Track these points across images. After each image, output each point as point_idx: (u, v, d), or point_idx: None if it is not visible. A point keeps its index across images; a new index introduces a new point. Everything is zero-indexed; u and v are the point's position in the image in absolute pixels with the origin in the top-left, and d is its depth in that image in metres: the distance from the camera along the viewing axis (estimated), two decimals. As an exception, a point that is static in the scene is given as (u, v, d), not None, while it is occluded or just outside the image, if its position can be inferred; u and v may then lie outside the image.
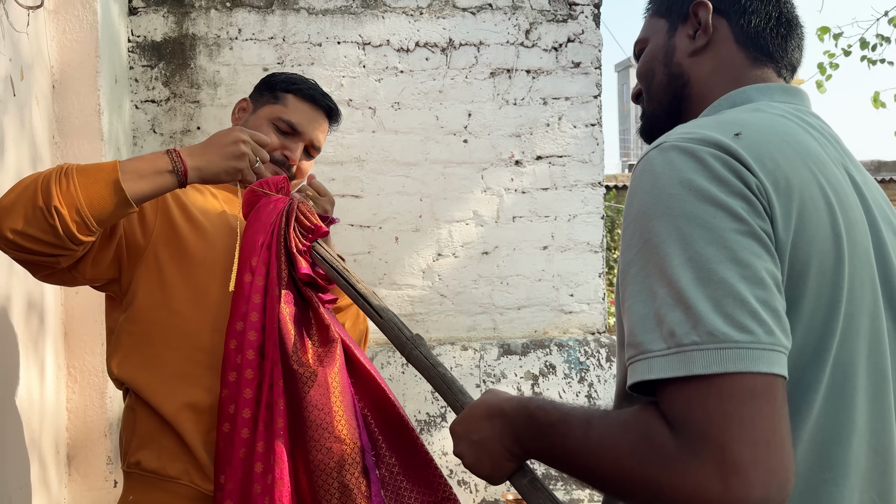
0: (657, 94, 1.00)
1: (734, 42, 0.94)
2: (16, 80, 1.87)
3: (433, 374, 1.16)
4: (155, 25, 2.79)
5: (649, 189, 0.75)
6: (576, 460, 0.77)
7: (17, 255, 1.19)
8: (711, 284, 0.67)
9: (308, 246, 1.37)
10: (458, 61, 2.98)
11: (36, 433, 1.89)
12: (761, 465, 0.63)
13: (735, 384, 0.64)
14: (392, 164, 2.94)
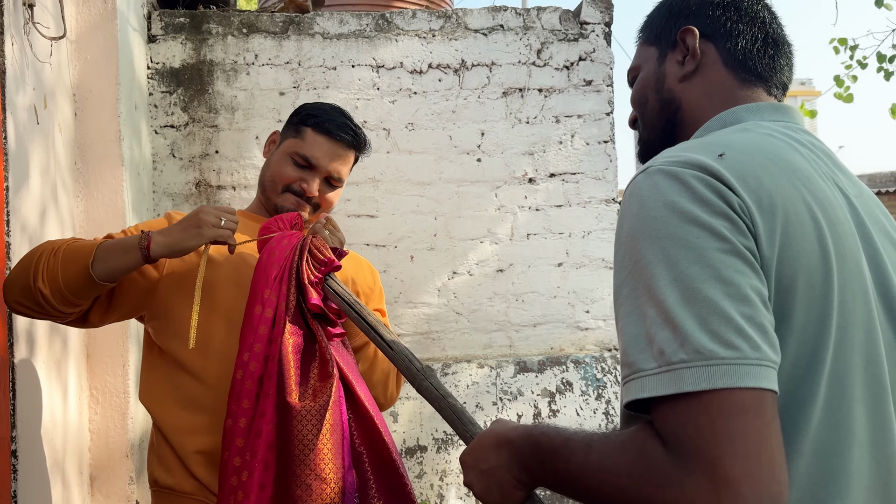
0: (651, 120, 1.03)
1: (722, 65, 0.96)
2: (39, 108, 1.93)
3: (443, 405, 1.18)
4: (173, 52, 2.85)
5: (636, 212, 0.77)
6: (579, 483, 0.78)
7: (26, 315, 1.42)
8: (697, 303, 0.69)
9: (320, 278, 1.39)
10: (470, 82, 3.02)
11: (59, 454, 1.92)
12: (752, 478, 0.64)
13: (724, 400, 0.66)
14: (406, 184, 2.97)
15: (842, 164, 0.92)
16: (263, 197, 1.59)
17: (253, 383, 1.30)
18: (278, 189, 1.55)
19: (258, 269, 1.39)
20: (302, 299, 1.36)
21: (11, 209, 1.70)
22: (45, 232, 1.92)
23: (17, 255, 1.71)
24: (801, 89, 42.34)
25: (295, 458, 1.25)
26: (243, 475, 1.26)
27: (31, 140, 1.86)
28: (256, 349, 1.31)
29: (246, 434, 1.28)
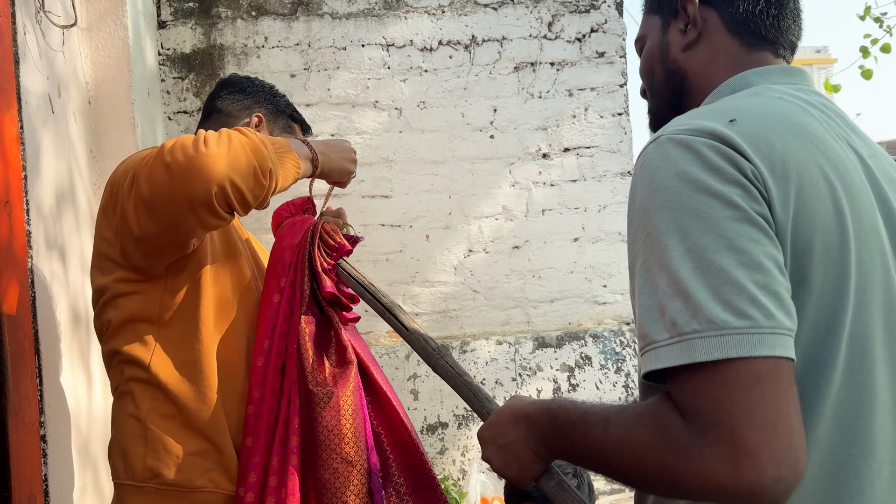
0: (659, 91, 1.02)
1: (726, 30, 0.94)
2: (53, 97, 1.94)
3: (459, 383, 1.20)
4: (183, 38, 2.85)
5: (647, 183, 0.77)
6: (597, 456, 0.79)
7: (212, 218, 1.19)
8: (710, 273, 0.69)
9: (332, 264, 1.40)
10: (481, 57, 2.99)
11: (86, 438, 1.96)
12: (770, 447, 0.64)
13: (739, 370, 0.66)
14: (420, 163, 2.96)
15: (854, 125, 0.90)
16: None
17: (276, 371, 1.32)
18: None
19: (273, 256, 1.40)
20: (316, 287, 1.37)
21: (30, 198, 1.72)
22: (63, 220, 1.94)
23: (37, 245, 1.73)
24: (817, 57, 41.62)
25: (321, 443, 1.28)
26: (274, 461, 1.28)
27: (47, 129, 1.87)
28: (277, 336, 1.33)
29: (273, 421, 1.30)
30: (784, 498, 0.66)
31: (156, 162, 1.17)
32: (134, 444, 1.31)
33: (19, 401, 1.50)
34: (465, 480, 2.81)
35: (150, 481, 1.29)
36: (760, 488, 0.64)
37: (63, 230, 1.92)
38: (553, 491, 0.98)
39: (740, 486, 0.64)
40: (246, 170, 1.17)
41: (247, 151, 1.18)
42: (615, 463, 0.76)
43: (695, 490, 0.68)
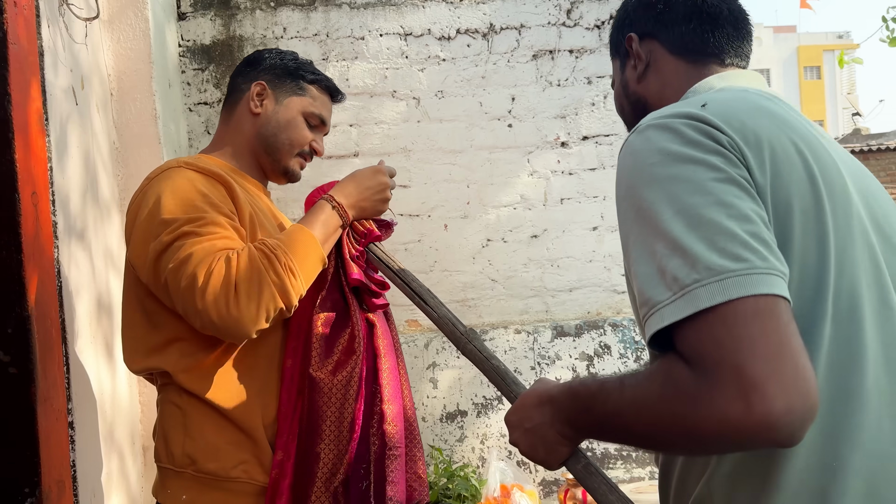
0: (630, 120, 1.12)
1: (670, 55, 1.05)
2: (77, 89, 1.96)
3: (487, 367, 1.21)
4: (203, 29, 2.87)
5: (632, 164, 0.83)
6: (618, 421, 0.80)
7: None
8: (702, 227, 0.73)
9: (360, 251, 1.40)
10: (499, 46, 2.98)
11: (112, 425, 1.99)
12: (777, 377, 0.65)
13: (738, 308, 0.68)
14: (438, 153, 2.97)
15: (810, 121, 0.97)
16: (268, 158, 1.49)
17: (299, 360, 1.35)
18: (293, 152, 1.50)
19: None
20: (343, 273, 1.38)
21: (56, 189, 1.75)
22: (89, 211, 1.96)
23: (63, 235, 1.76)
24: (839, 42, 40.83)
25: (311, 427, 1.31)
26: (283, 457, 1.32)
27: (71, 121, 1.90)
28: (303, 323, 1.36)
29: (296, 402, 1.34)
30: (799, 431, 0.66)
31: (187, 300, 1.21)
32: (174, 430, 1.34)
33: (48, 388, 1.52)
34: (484, 468, 2.82)
35: (187, 468, 1.32)
36: (773, 419, 0.65)
37: (88, 221, 1.95)
38: (580, 474, 0.99)
39: (753, 420, 0.65)
40: (274, 310, 1.23)
41: (273, 293, 1.22)
42: (634, 425, 0.77)
43: (711, 436, 0.68)
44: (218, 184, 1.33)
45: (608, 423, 0.83)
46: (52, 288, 1.62)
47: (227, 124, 1.52)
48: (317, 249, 1.31)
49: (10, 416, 1.47)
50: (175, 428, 1.33)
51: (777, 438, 0.66)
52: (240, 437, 1.32)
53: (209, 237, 1.23)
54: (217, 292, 1.19)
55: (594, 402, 0.85)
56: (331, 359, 1.34)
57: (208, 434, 1.31)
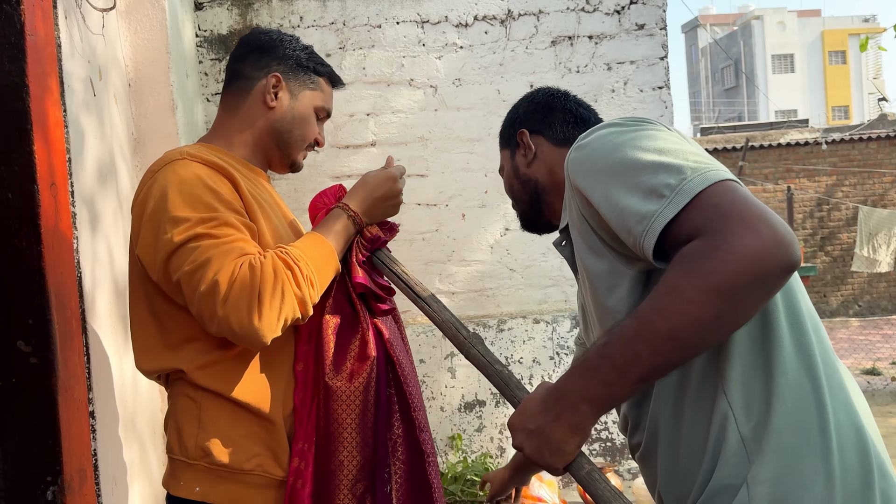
0: (520, 198, 1.36)
1: (553, 145, 1.32)
2: (94, 80, 1.97)
3: (491, 372, 1.22)
4: (220, 19, 2.86)
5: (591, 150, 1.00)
6: (640, 340, 0.87)
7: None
8: (672, 153, 0.92)
9: (367, 255, 1.40)
10: (517, 32, 2.95)
11: (133, 415, 2.01)
12: (769, 214, 0.82)
13: (723, 186, 0.87)
14: (455, 142, 2.95)
15: None
16: (279, 152, 1.47)
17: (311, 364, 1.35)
18: (303, 147, 1.48)
19: None
20: (348, 278, 1.38)
21: (75, 180, 1.75)
22: (107, 203, 1.97)
23: (82, 226, 1.77)
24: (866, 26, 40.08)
25: (330, 435, 1.31)
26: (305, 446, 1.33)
27: (89, 112, 1.91)
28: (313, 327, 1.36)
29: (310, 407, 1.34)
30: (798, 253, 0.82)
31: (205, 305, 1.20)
32: (187, 423, 1.33)
33: (68, 378, 1.54)
34: (503, 458, 2.82)
35: (201, 460, 1.31)
36: (779, 238, 0.80)
37: (107, 211, 1.96)
38: (585, 480, 0.98)
39: (767, 242, 0.80)
40: (292, 319, 1.25)
41: (294, 304, 1.24)
42: (660, 325, 0.85)
43: (736, 274, 0.80)
44: (223, 178, 1.30)
45: (628, 354, 0.89)
46: (72, 279, 1.63)
47: (232, 113, 1.46)
48: (334, 261, 1.34)
49: (31, 406, 1.48)
50: (189, 421, 1.33)
51: (788, 254, 0.80)
52: (255, 429, 1.32)
53: (226, 240, 1.22)
54: (240, 301, 1.18)
55: (609, 350, 0.90)
56: (344, 366, 1.34)
57: (223, 427, 1.31)
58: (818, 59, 39.57)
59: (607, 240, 1.00)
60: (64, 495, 1.48)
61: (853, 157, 11.73)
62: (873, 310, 11.79)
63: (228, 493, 1.31)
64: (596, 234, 1.02)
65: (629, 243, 0.92)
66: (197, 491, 1.31)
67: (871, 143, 11.76)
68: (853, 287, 11.80)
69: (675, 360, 0.89)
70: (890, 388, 6.91)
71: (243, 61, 1.47)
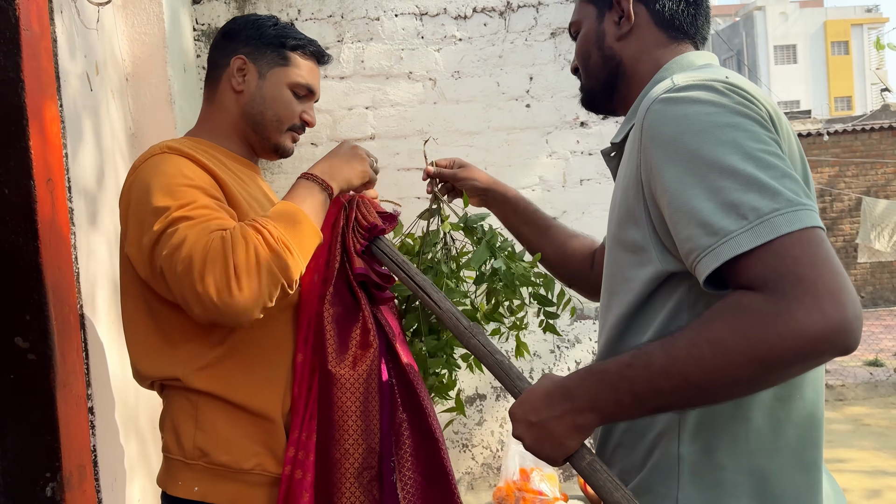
0: (594, 73, 1.15)
1: (654, 25, 1.10)
2: (91, 75, 1.96)
3: (491, 362, 1.19)
4: (218, 12, 2.85)
5: (681, 115, 0.87)
6: (667, 378, 0.82)
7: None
8: (771, 170, 0.81)
9: (364, 245, 1.38)
10: (516, 24, 2.93)
11: (133, 411, 2.01)
12: (845, 288, 0.75)
13: (811, 235, 0.77)
14: (455, 135, 2.93)
15: None
16: (257, 136, 1.43)
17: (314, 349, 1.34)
18: (283, 128, 1.42)
19: None
20: (348, 266, 1.37)
21: (72, 175, 1.75)
22: (105, 197, 1.97)
23: (79, 221, 1.76)
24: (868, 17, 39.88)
25: (334, 423, 1.29)
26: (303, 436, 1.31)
27: (86, 107, 1.90)
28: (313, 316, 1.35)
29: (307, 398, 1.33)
30: (859, 337, 0.75)
31: (185, 285, 1.15)
32: (185, 423, 1.32)
33: (66, 374, 1.53)
34: (503, 451, 2.81)
35: (199, 459, 1.30)
36: (846, 324, 0.73)
37: (104, 206, 1.95)
38: (585, 471, 0.96)
39: (830, 326, 0.73)
40: (275, 287, 1.19)
41: (272, 269, 1.17)
42: (693, 373, 0.80)
43: (788, 351, 0.74)
44: (205, 172, 1.29)
45: (651, 387, 0.84)
46: (70, 274, 1.63)
47: (210, 103, 1.44)
48: (307, 222, 1.25)
49: (29, 402, 1.48)
50: (186, 421, 1.31)
51: (847, 342, 0.74)
52: (254, 429, 1.31)
53: (202, 219, 1.19)
54: (215, 273, 1.14)
55: (631, 371, 0.86)
56: (347, 353, 1.33)
57: (221, 427, 1.30)
58: (821, 50, 39.41)
59: (656, 224, 0.91)
60: (63, 491, 1.47)
61: (856, 147, 11.70)
62: (876, 301, 11.78)
63: (228, 492, 1.30)
64: (646, 206, 0.93)
65: (681, 249, 0.85)
66: (196, 491, 1.30)
67: (873, 133, 11.72)
68: (856, 278, 11.78)
69: (694, 405, 0.88)
70: (892, 379, 6.91)
71: (214, 50, 1.45)
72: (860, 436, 5.52)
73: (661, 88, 0.92)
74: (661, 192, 0.86)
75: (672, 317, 0.93)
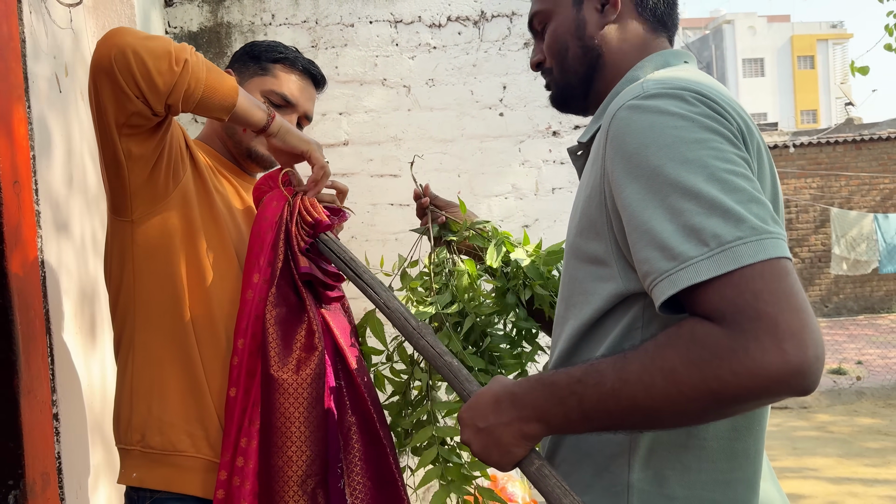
0: (572, 66, 1.06)
1: (637, 14, 1.03)
2: (61, 77, 1.93)
3: (440, 364, 1.16)
4: (190, 16, 2.83)
5: (647, 126, 0.82)
6: (618, 401, 0.79)
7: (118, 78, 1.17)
8: (737, 193, 0.76)
9: (309, 242, 1.35)
10: (490, 34, 2.96)
11: (99, 417, 1.98)
12: (808, 327, 0.70)
13: (774, 267, 0.72)
14: (429, 142, 2.94)
15: None
16: (231, 141, 1.47)
17: (251, 353, 1.30)
18: (253, 134, 1.43)
19: (253, 233, 1.36)
20: (293, 265, 1.33)
21: (39, 178, 1.72)
22: (72, 202, 1.94)
23: (46, 225, 1.73)
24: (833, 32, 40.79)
25: (276, 429, 1.26)
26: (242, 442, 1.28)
27: (54, 109, 1.87)
28: (251, 319, 1.31)
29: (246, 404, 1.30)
30: (819, 378, 0.70)
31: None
32: (123, 407, 1.33)
33: (31, 380, 1.51)
34: (475, 458, 2.81)
35: (136, 444, 1.30)
36: (806, 367, 0.69)
37: (73, 211, 1.92)
38: (534, 476, 0.94)
39: (788, 368, 0.68)
40: (157, 50, 1.14)
41: (167, 41, 1.17)
42: (642, 399, 0.76)
43: (743, 390, 0.70)
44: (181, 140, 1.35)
45: (599, 406, 0.81)
46: (36, 279, 1.60)
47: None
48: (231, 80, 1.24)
49: (-8, 409, 1.45)
50: (124, 404, 1.33)
51: (805, 385, 0.70)
52: (185, 412, 1.29)
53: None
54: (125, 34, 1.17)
55: (581, 387, 0.82)
56: (290, 357, 1.29)
57: (154, 407, 1.29)
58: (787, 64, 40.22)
59: (619, 238, 0.87)
60: (26, 499, 1.45)
61: (820, 160, 11.96)
62: (839, 310, 12.02)
63: (163, 476, 1.28)
64: (608, 219, 0.88)
65: (639, 269, 0.80)
66: (134, 477, 1.29)
67: (837, 146, 12.00)
68: (821, 289, 12.02)
69: (643, 429, 0.85)
70: (855, 387, 7.05)
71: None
72: (824, 443, 5.63)
73: (630, 93, 0.87)
74: (622, 208, 0.82)
75: (626, 333, 0.89)
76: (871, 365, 8.07)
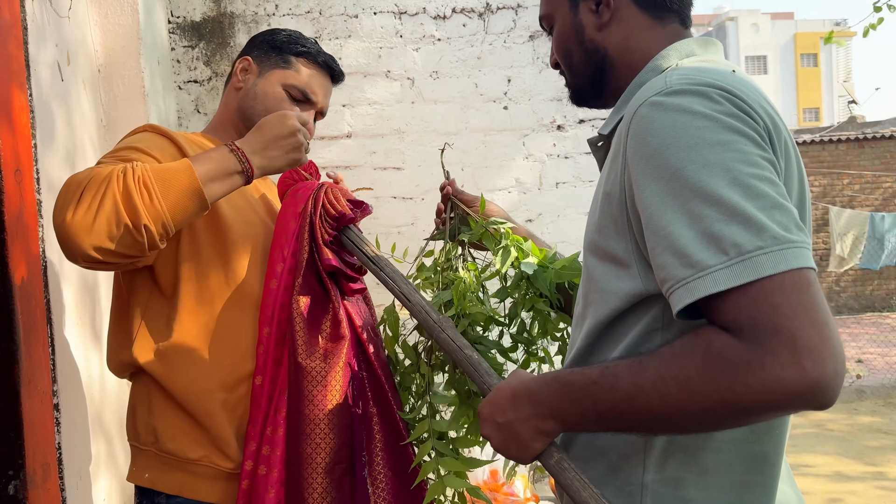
0: (579, 70, 1.05)
1: (635, 6, 0.99)
2: (63, 65, 1.92)
3: (460, 357, 1.16)
4: (194, 5, 2.81)
5: (669, 125, 0.79)
6: (629, 407, 0.78)
7: (95, 267, 1.18)
8: (760, 199, 0.73)
9: (333, 235, 1.36)
10: (495, 26, 2.94)
11: (99, 408, 1.97)
12: (827, 343, 0.68)
13: (795, 278, 0.70)
14: (432, 135, 2.93)
15: None
16: (245, 129, 1.45)
17: (277, 342, 1.32)
18: None
19: (278, 225, 1.38)
20: (317, 257, 1.35)
21: (41, 167, 1.71)
22: (75, 189, 1.93)
23: (47, 213, 1.72)
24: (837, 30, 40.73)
25: (305, 417, 1.27)
26: (268, 430, 1.29)
27: (56, 98, 1.86)
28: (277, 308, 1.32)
29: (273, 391, 1.31)
30: (838, 393, 0.69)
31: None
32: (140, 406, 1.33)
33: (31, 369, 1.50)
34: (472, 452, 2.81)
35: (151, 446, 1.30)
36: (824, 383, 0.67)
37: (74, 200, 1.91)
38: (554, 469, 0.94)
39: (806, 383, 0.67)
40: (117, 225, 1.09)
41: (118, 204, 1.09)
42: (656, 405, 0.76)
43: (758, 404, 0.70)
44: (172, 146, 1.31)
45: (614, 410, 0.80)
46: (37, 268, 1.59)
47: (219, 104, 1.54)
48: (189, 177, 1.15)
49: (-8, 398, 1.44)
50: (141, 404, 1.33)
51: (823, 400, 0.68)
52: (192, 422, 1.29)
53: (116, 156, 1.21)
54: (64, 195, 1.11)
55: (596, 389, 0.81)
56: (317, 346, 1.30)
57: (169, 414, 1.29)
58: (790, 62, 40.15)
59: (639, 238, 0.84)
60: (26, 489, 1.44)
61: (823, 158, 11.93)
62: (840, 309, 12.02)
63: (176, 481, 1.28)
64: (629, 219, 0.86)
65: (657, 274, 0.78)
66: (146, 478, 1.29)
67: (840, 144, 11.97)
68: (823, 287, 12.02)
69: (657, 434, 0.85)
70: (855, 385, 7.05)
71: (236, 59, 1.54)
72: (823, 441, 5.63)
73: (654, 87, 0.84)
74: (641, 210, 0.80)
75: (645, 334, 0.88)
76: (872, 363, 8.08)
